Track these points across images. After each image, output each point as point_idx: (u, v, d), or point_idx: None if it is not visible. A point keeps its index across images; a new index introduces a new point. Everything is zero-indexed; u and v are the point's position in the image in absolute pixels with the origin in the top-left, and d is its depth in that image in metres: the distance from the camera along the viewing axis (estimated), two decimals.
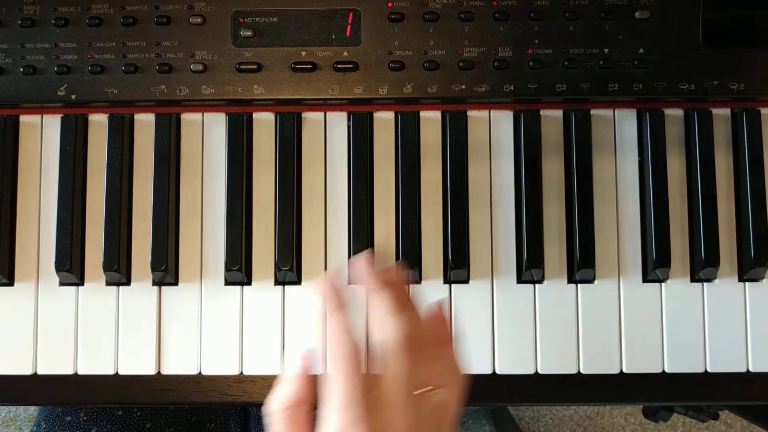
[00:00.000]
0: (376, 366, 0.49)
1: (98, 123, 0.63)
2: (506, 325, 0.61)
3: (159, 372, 0.61)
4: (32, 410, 1.41)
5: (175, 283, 0.62)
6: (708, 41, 0.61)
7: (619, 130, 0.63)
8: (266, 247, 0.62)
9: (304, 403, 0.50)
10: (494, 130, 0.63)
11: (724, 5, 0.62)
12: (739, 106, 0.63)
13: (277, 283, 0.62)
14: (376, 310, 0.51)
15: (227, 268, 0.61)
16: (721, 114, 0.63)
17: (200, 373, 0.61)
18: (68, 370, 0.61)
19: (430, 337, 0.51)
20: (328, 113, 0.63)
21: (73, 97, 0.61)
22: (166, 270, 0.60)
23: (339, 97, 0.61)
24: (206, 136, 0.63)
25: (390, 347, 0.49)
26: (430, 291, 0.61)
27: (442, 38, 0.61)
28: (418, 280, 0.62)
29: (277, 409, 0.50)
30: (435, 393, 0.49)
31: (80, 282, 0.62)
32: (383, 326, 0.49)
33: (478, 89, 0.61)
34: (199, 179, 0.63)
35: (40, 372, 0.61)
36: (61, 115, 0.63)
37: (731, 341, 0.61)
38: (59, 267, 0.60)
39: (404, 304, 0.50)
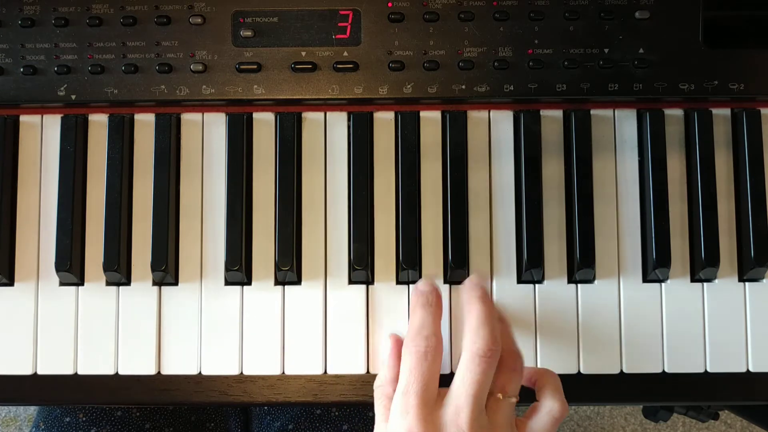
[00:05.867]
0: (458, 366, 0.54)
1: (98, 123, 0.63)
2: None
3: (159, 372, 0.61)
4: (32, 410, 1.41)
5: (175, 283, 0.62)
6: (708, 41, 0.61)
7: (619, 130, 0.63)
8: (266, 247, 0.62)
9: (393, 381, 0.56)
10: (494, 130, 0.63)
11: (724, 5, 0.62)
12: (739, 106, 0.63)
13: (277, 283, 0.62)
14: (468, 320, 0.55)
15: (227, 268, 0.61)
16: (721, 114, 0.63)
17: (200, 373, 0.61)
18: (68, 370, 0.61)
19: (514, 350, 0.56)
20: (328, 113, 0.63)
21: (73, 97, 0.61)
22: (166, 270, 0.60)
23: (339, 97, 0.61)
24: (206, 136, 0.63)
25: (469, 355, 0.53)
26: None
27: (442, 38, 0.61)
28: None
29: (375, 386, 0.58)
30: (506, 401, 0.54)
31: (80, 282, 0.62)
32: (470, 336, 0.54)
33: (478, 89, 0.61)
34: (199, 179, 0.63)
35: (40, 372, 0.61)
36: (61, 115, 0.63)
37: (731, 341, 0.61)
38: (59, 267, 0.60)
39: (490, 321, 0.54)
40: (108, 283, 0.61)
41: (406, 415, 0.52)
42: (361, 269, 0.60)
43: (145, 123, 0.63)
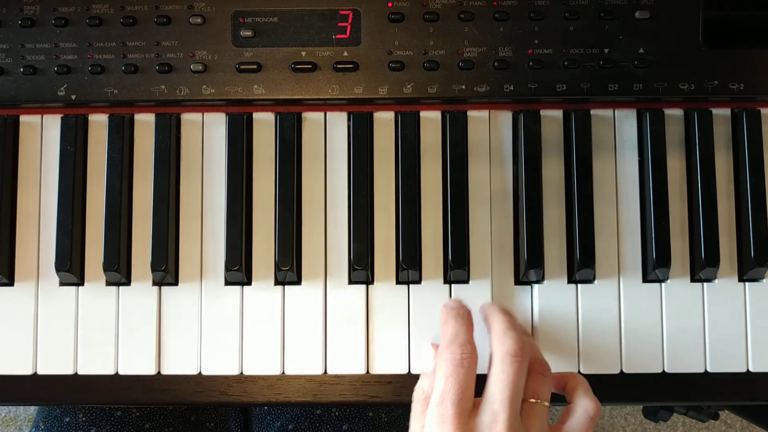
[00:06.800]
0: (488, 373, 0.54)
1: (98, 123, 0.63)
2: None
3: (159, 372, 0.61)
4: (32, 410, 1.41)
5: (175, 283, 0.62)
6: (708, 41, 0.61)
7: (619, 130, 0.63)
8: (266, 247, 0.62)
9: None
10: (494, 130, 0.63)
11: (724, 5, 0.62)
12: (739, 106, 0.63)
13: (277, 283, 0.62)
14: (493, 327, 0.56)
15: (227, 268, 0.61)
16: (721, 114, 0.63)
17: (200, 373, 0.61)
18: (68, 370, 0.61)
19: (540, 357, 0.57)
20: (328, 113, 0.63)
21: (73, 97, 0.61)
22: (166, 270, 0.60)
23: (339, 97, 0.61)
24: (206, 136, 0.63)
25: (500, 357, 0.53)
26: (430, 291, 0.61)
27: (442, 38, 0.61)
28: (419, 280, 0.62)
29: (415, 396, 0.57)
30: (540, 405, 0.54)
31: (80, 282, 0.62)
32: (497, 340, 0.54)
33: (478, 89, 0.61)
34: (199, 179, 0.63)
35: (40, 372, 0.61)
36: (61, 115, 0.63)
37: (731, 341, 0.61)
38: (59, 267, 0.60)
39: (515, 326, 0.55)
40: (108, 283, 0.61)
41: (443, 425, 0.51)
42: (361, 269, 0.60)
43: (145, 123, 0.63)
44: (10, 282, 0.62)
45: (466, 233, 0.61)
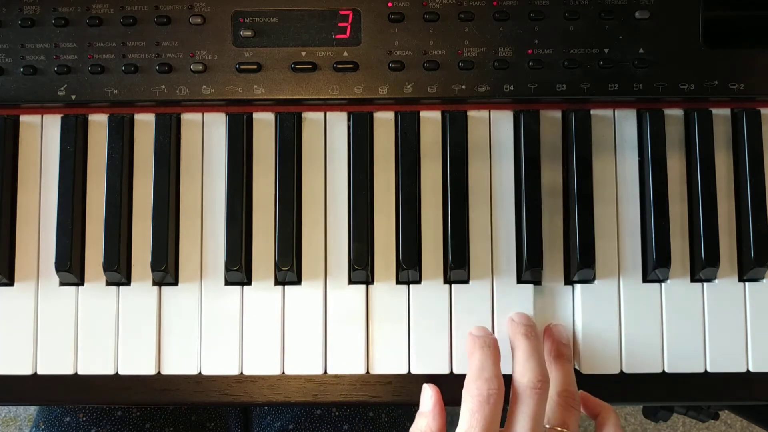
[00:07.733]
0: (511, 404, 0.54)
1: (98, 123, 0.63)
2: (505, 325, 0.61)
3: (159, 372, 0.61)
4: (32, 410, 1.41)
5: (175, 283, 0.62)
6: (708, 41, 0.61)
7: (619, 130, 0.63)
8: (266, 247, 0.62)
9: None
10: (494, 130, 0.63)
11: (724, 5, 0.62)
12: (739, 106, 0.63)
13: (277, 283, 0.62)
14: (516, 355, 0.56)
15: (227, 268, 0.61)
16: (721, 114, 0.63)
17: (200, 373, 0.61)
18: (68, 370, 0.61)
19: (570, 389, 0.57)
20: (328, 113, 0.63)
21: (73, 97, 0.61)
22: (166, 270, 0.60)
23: (339, 97, 0.61)
24: (206, 136, 0.63)
25: (521, 389, 0.54)
26: (430, 291, 0.61)
27: (442, 38, 0.61)
28: (419, 280, 0.62)
29: None
30: None
31: (80, 282, 0.62)
32: (518, 371, 0.55)
33: (478, 89, 0.61)
34: (199, 179, 0.63)
35: (40, 372, 0.61)
36: (61, 115, 0.63)
37: (731, 341, 0.61)
38: (59, 267, 0.60)
39: (537, 355, 0.56)
40: (108, 283, 0.61)
41: None
42: (361, 269, 0.60)
43: (145, 123, 0.63)
44: (10, 282, 0.62)
45: (466, 233, 0.61)
